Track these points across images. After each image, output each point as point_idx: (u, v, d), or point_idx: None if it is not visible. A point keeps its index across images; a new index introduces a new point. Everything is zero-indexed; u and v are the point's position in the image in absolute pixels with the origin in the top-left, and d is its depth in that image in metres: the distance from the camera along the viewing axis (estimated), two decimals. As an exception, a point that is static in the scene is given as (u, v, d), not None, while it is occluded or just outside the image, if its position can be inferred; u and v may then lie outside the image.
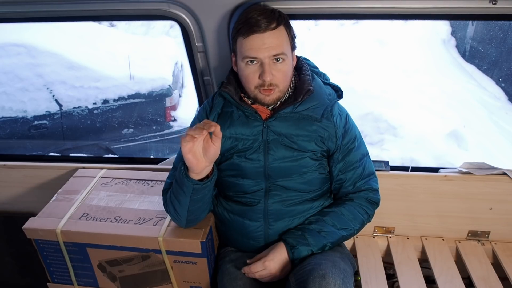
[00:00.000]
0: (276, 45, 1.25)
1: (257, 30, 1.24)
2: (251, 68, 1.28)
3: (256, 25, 1.24)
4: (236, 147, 1.38)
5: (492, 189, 1.70)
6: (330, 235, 1.37)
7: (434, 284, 1.59)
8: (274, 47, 1.25)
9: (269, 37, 1.25)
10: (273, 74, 1.27)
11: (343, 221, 1.40)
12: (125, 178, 1.73)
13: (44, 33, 4.17)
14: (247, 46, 1.26)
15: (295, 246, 1.33)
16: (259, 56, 1.26)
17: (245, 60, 1.28)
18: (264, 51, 1.25)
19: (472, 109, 4.99)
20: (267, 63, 1.26)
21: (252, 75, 1.29)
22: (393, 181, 1.73)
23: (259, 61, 1.27)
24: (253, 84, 1.30)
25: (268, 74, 1.26)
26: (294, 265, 1.33)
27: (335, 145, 1.38)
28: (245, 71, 1.30)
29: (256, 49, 1.25)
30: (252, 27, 1.24)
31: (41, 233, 1.48)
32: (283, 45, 1.27)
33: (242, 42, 1.27)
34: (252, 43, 1.25)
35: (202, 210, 1.38)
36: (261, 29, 1.24)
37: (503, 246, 1.74)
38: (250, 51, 1.26)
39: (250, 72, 1.29)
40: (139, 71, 4.23)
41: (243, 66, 1.30)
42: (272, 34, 1.25)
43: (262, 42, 1.24)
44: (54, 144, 4.12)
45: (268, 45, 1.25)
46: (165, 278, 1.50)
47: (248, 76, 1.30)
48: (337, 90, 1.43)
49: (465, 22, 6.18)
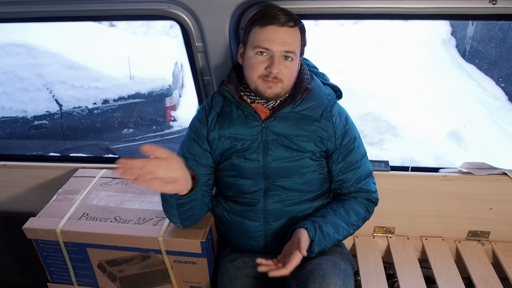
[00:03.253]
0: (290, 42, 1.27)
1: (276, 22, 1.25)
2: (260, 58, 1.29)
3: (275, 18, 1.26)
4: (235, 147, 1.38)
5: (492, 189, 1.70)
6: (342, 230, 1.37)
7: (434, 284, 1.59)
8: (288, 43, 1.27)
9: (285, 33, 1.26)
10: (280, 69, 1.28)
11: (352, 217, 1.40)
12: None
13: (44, 33, 4.17)
14: (263, 36, 1.27)
15: (314, 232, 1.30)
16: (272, 47, 1.26)
17: (256, 49, 1.28)
18: (277, 45, 1.26)
19: (472, 109, 4.99)
20: (277, 57, 1.27)
21: (258, 65, 1.29)
22: (393, 181, 1.73)
23: (270, 54, 1.27)
24: (257, 73, 1.30)
25: (277, 67, 1.27)
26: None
27: (334, 145, 1.38)
28: (252, 60, 1.30)
29: (271, 40, 1.26)
30: (271, 19, 1.26)
31: (41, 233, 1.48)
32: (295, 45, 1.29)
33: (258, 31, 1.28)
34: (268, 34, 1.26)
35: (195, 215, 1.39)
36: (280, 22, 1.25)
37: (503, 246, 1.74)
38: (264, 41, 1.27)
39: (257, 61, 1.29)
40: (139, 71, 4.23)
41: (251, 55, 1.30)
42: (288, 31, 1.27)
43: (277, 35, 1.26)
44: (54, 144, 4.12)
45: (282, 39, 1.26)
46: (165, 278, 1.50)
47: (254, 65, 1.30)
48: (336, 90, 1.43)
49: (465, 22, 6.18)
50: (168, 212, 1.36)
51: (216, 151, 1.41)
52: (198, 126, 1.43)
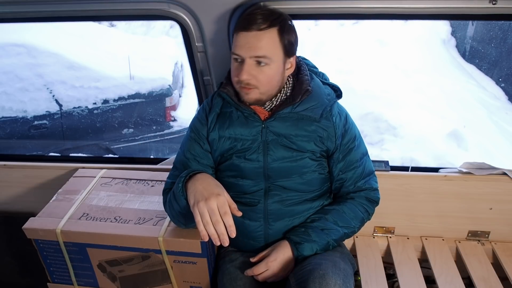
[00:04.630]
0: (258, 47, 1.24)
1: (245, 28, 1.24)
2: (235, 65, 1.30)
3: (247, 23, 1.24)
4: (235, 148, 1.38)
5: (492, 189, 1.70)
6: (333, 232, 1.37)
7: (434, 284, 1.59)
8: (256, 48, 1.24)
9: (254, 38, 1.24)
10: (252, 75, 1.26)
11: (344, 219, 1.40)
12: (125, 178, 1.73)
13: (44, 33, 4.17)
14: (235, 42, 1.28)
15: (300, 242, 1.32)
16: (240, 54, 1.26)
17: (232, 56, 1.29)
18: (246, 51, 1.25)
19: (472, 109, 4.99)
20: (247, 63, 1.26)
21: (234, 71, 1.30)
22: (393, 181, 1.73)
23: (241, 59, 1.27)
24: (234, 81, 1.32)
25: (244, 73, 1.26)
26: (297, 263, 1.33)
27: (334, 145, 1.38)
28: (231, 67, 1.32)
29: (240, 46, 1.26)
30: (242, 23, 1.25)
31: (41, 233, 1.48)
32: (268, 48, 1.25)
33: (234, 37, 1.28)
34: (238, 40, 1.26)
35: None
36: (248, 28, 1.24)
37: (503, 246, 1.74)
38: (235, 47, 1.27)
39: (234, 68, 1.31)
40: (139, 71, 4.24)
41: (232, 61, 1.31)
42: (258, 35, 1.24)
43: (245, 40, 1.25)
44: (54, 144, 4.12)
45: (250, 45, 1.24)
46: (165, 278, 1.50)
47: (232, 72, 1.32)
48: (336, 90, 1.43)
49: (465, 22, 6.18)
50: (175, 210, 1.33)
51: (216, 152, 1.41)
52: (199, 126, 1.43)
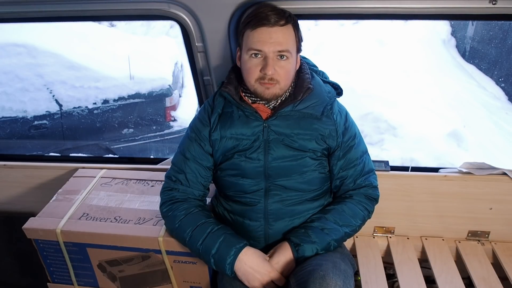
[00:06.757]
0: (282, 41, 1.26)
1: (266, 23, 1.25)
2: (254, 61, 1.29)
3: (266, 19, 1.25)
4: (237, 147, 1.38)
5: (492, 189, 1.70)
6: (333, 232, 1.37)
7: (434, 284, 1.59)
8: (280, 43, 1.26)
9: (277, 32, 1.26)
10: (275, 70, 1.28)
11: (344, 218, 1.40)
12: (125, 178, 1.73)
13: (44, 33, 4.17)
14: (255, 38, 1.27)
15: (300, 244, 1.32)
16: (264, 49, 1.26)
17: (250, 52, 1.29)
18: (270, 45, 1.26)
19: (472, 109, 4.99)
20: (271, 58, 1.27)
21: (254, 68, 1.29)
22: (393, 181, 1.73)
23: (263, 55, 1.27)
24: (253, 77, 1.30)
25: (271, 68, 1.27)
26: (298, 264, 1.33)
27: (336, 142, 1.39)
28: (247, 64, 1.31)
29: (263, 42, 1.26)
30: (261, 20, 1.26)
31: (41, 233, 1.48)
32: (289, 43, 1.28)
33: (249, 34, 1.28)
34: (260, 36, 1.26)
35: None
36: (270, 23, 1.25)
37: (503, 246, 1.74)
38: (256, 43, 1.27)
39: (252, 65, 1.29)
40: (139, 71, 4.23)
41: (246, 58, 1.30)
42: (280, 30, 1.26)
43: (269, 36, 1.26)
44: (54, 144, 4.12)
45: (274, 39, 1.26)
46: (165, 278, 1.50)
47: (250, 69, 1.30)
48: (336, 87, 1.43)
49: (465, 22, 6.18)
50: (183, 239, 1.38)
51: (218, 151, 1.40)
52: (200, 127, 1.42)
